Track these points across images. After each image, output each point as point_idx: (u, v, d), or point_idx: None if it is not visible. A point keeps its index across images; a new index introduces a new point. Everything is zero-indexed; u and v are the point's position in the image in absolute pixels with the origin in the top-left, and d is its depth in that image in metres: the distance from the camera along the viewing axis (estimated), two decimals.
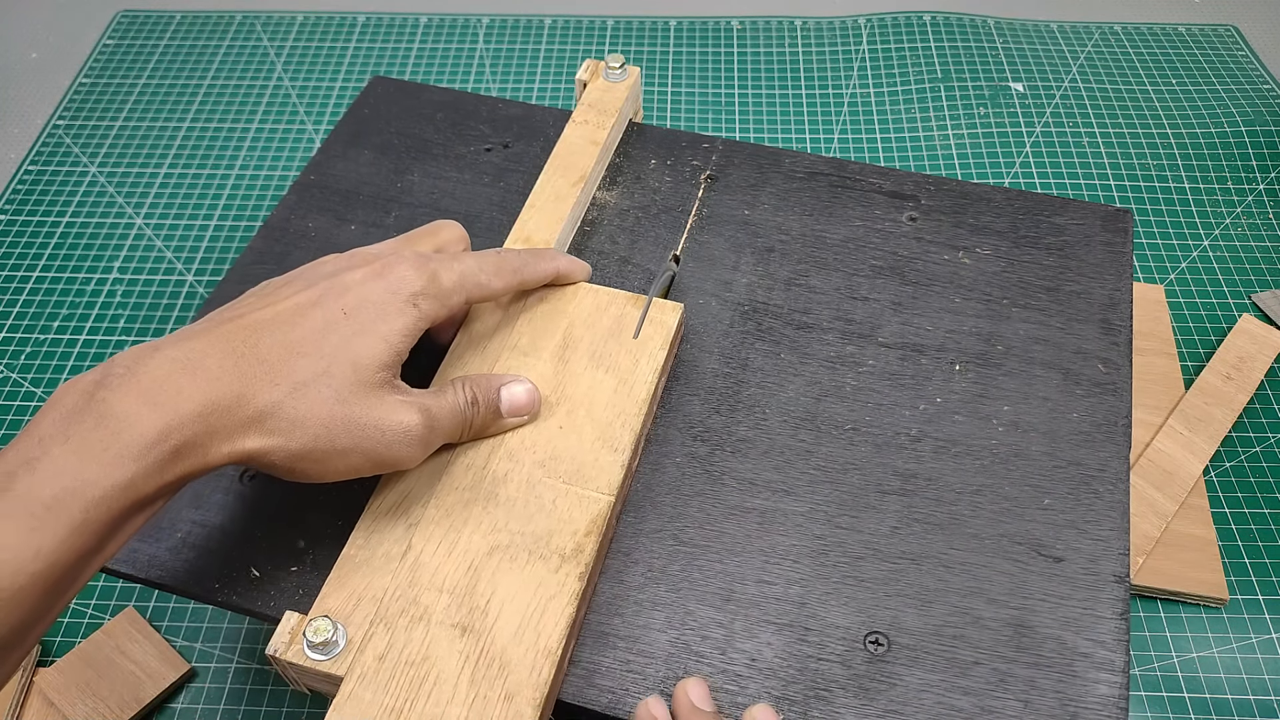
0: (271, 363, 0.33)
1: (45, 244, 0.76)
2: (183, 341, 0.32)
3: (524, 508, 0.37)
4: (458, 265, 0.38)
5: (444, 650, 0.34)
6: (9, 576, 0.27)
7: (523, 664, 0.33)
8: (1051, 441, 0.42)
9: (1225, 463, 0.63)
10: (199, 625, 0.56)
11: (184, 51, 0.93)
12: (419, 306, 0.36)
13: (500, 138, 0.55)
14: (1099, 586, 0.38)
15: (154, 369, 0.31)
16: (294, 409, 0.33)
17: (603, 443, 0.39)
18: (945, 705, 0.35)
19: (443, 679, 0.33)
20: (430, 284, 0.36)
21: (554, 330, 0.42)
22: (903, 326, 0.46)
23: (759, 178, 0.52)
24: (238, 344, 0.33)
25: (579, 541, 0.36)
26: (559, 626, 0.34)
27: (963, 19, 0.95)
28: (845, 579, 0.38)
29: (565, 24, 0.95)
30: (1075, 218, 0.50)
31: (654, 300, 0.43)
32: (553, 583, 0.35)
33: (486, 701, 0.33)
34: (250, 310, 0.34)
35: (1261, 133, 0.84)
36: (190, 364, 0.32)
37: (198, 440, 0.31)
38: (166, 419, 0.30)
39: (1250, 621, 0.56)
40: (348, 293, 0.35)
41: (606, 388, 0.40)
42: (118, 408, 0.30)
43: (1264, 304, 0.71)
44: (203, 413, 0.31)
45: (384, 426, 0.34)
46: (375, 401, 0.34)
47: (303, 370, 0.33)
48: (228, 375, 0.32)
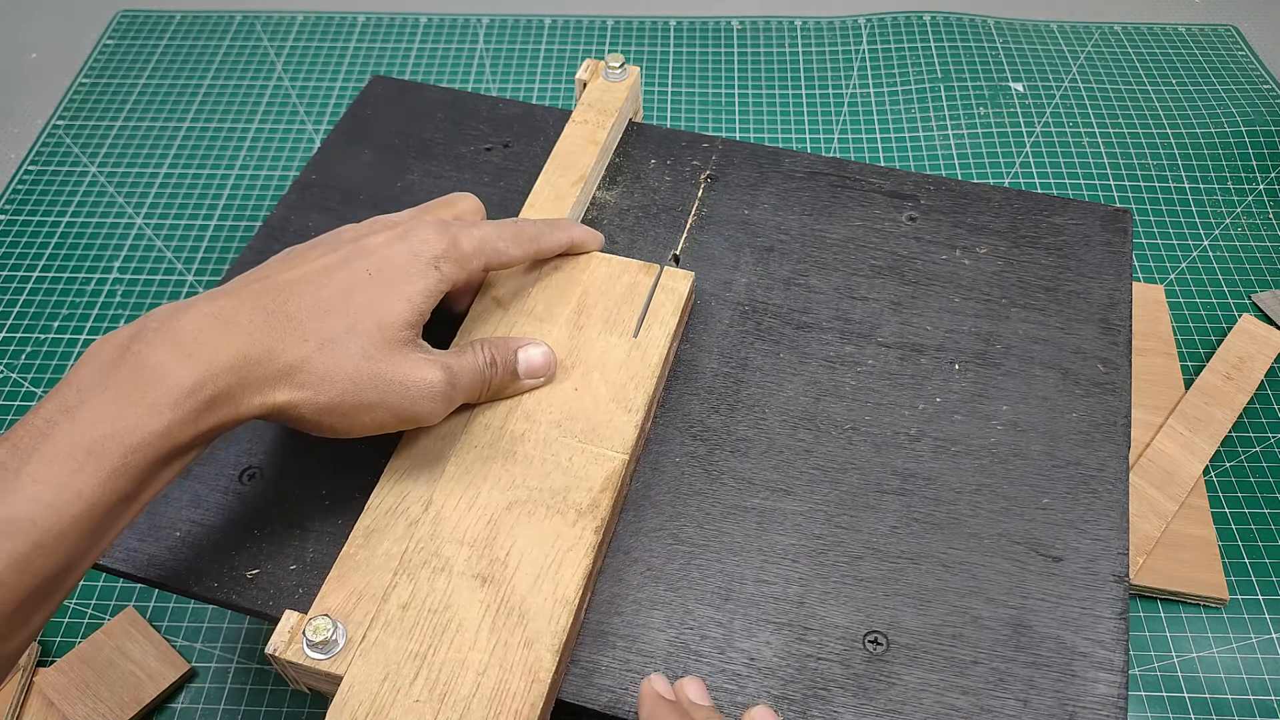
0: (300, 320, 0.34)
1: (45, 244, 0.76)
2: (214, 299, 0.34)
3: (541, 465, 0.38)
4: (477, 231, 0.39)
5: (465, 599, 0.35)
6: (52, 517, 0.28)
7: (541, 612, 0.34)
8: (1050, 441, 0.42)
9: (1225, 463, 0.63)
10: (199, 625, 0.56)
11: (184, 51, 0.93)
12: (440, 269, 0.37)
13: (500, 137, 0.55)
14: (1098, 586, 0.38)
15: (187, 324, 0.32)
16: (322, 364, 0.34)
17: (617, 404, 0.40)
18: (944, 705, 0.35)
19: (464, 626, 0.34)
20: (451, 248, 0.38)
21: (569, 297, 0.43)
22: (902, 326, 0.46)
23: (759, 177, 0.52)
24: (267, 302, 0.34)
25: (595, 497, 0.37)
26: (576, 577, 0.35)
27: (963, 19, 0.95)
28: (844, 578, 0.38)
29: (565, 24, 0.95)
30: (1075, 218, 0.50)
31: (665, 269, 0.44)
32: (570, 536, 0.36)
33: (507, 648, 0.34)
34: (277, 272, 0.36)
35: (1261, 133, 0.84)
36: (222, 319, 0.33)
37: (230, 392, 0.32)
38: (201, 370, 0.31)
39: (1250, 621, 0.56)
40: (371, 255, 0.36)
41: (620, 352, 0.42)
42: (154, 359, 0.31)
43: (1264, 304, 0.71)
44: (235, 365, 0.32)
45: (408, 382, 0.35)
46: (400, 358, 0.35)
47: (330, 327, 0.34)
48: (258, 331, 0.33)
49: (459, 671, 0.33)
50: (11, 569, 0.28)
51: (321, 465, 0.41)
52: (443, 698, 0.33)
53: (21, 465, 0.29)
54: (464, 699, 0.33)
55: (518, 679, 0.33)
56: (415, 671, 0.33)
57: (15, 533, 0.28)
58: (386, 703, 0.33)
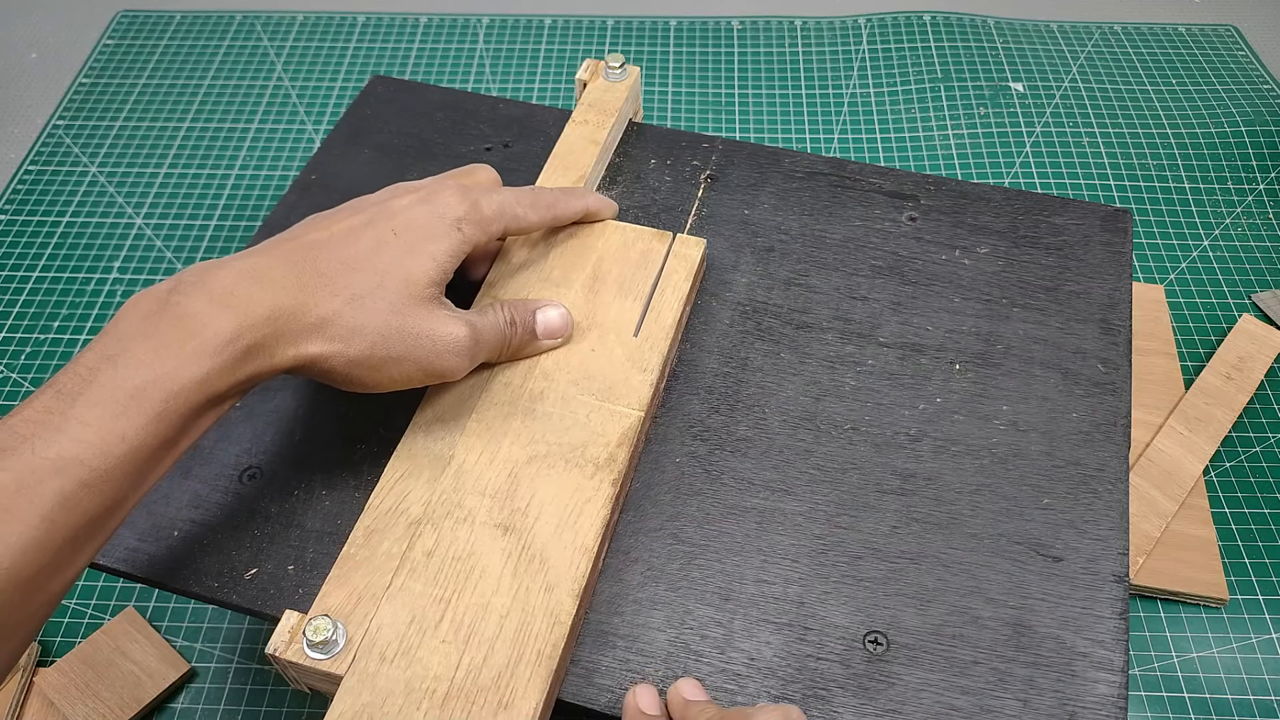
0: (330, 276, 0.35)
1: (45, 244, 0.76)
2: (247, 258, 0.35)
3: (560, 421, 0.40)
4: (497, 197, 0.41)
5: (488, 547, 0.36)
6: (99, 458, 0.30)
7: (562, 559, 0.36)
8: (1051, 441, 0.42)
9: (1225, 463, 0.63)
10: (199, 625, 0.56)
11: (184, 51, 0.93)
12: (462, 230, 0.38)
13: (500, 137, 0.55)
14: (1098, 586, 0.38)
15: (224, 277, 0.34)
16: (352, 318, 0.35)
17: (632, 364, 0.41)
18: (944, 704, 0.35)
19: (488, 572, 0.35)
20: (472, 210, 0.39)
21: (584, 264, 0.45)
22: (902, 326, 0.46)
23: (759, 177, 0.52)
24: (298, 260, 0.35)
25: (612, 452, 0.39)
26: (594, 526, 0.37)
27: (963, 19, 0.95)
28: (844, 578, 0.38)
29: (565, 24, 0.95)
30: (1075, 217, 0.50)
31: (678, 236, 0.46)
32: (588, 488, 0.38)
33: (529, 592, 0.35)
34: (306, 233, 0.37)
35: (1261, 133, 0.84)
36: (257, 274, 0.34)
37: (265, 342, 0.33)
38: (239, 321, 0.33)
39: (1250, 621, 0.56)
40: (396, 216, 0.38)
41: (634, 314, 0.43)
42: (193, 309, 0.32)
43: (1264, 304, 0.71)
44: (270, 317, 0.34)
45: (435, 336, 0.37)
46: (426, 314, 0.37)
47: (359, 284, 0.36)
48: (291, 285, 0.35)
49: (483, 614, 0.35)
50: (60, 506, 0.29)
51: (321, 465, 0.41)
52: (468, 639, 0.34)
53: (68, 409, 0.30)
54: (488, 639, 0.34)
55: (540, 621, 0.34)
56: (441, 614, 0.35)
57: (64, 470, 0.29)
58: (414, 643, 0.34)
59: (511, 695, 0.33)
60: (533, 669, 0.33)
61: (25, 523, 0.28)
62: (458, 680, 0.33)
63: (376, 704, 0.33)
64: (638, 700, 0.34)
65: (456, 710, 0.32)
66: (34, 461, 0.29)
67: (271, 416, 0.43)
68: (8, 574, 0.28)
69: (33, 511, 0.28)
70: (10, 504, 0.28)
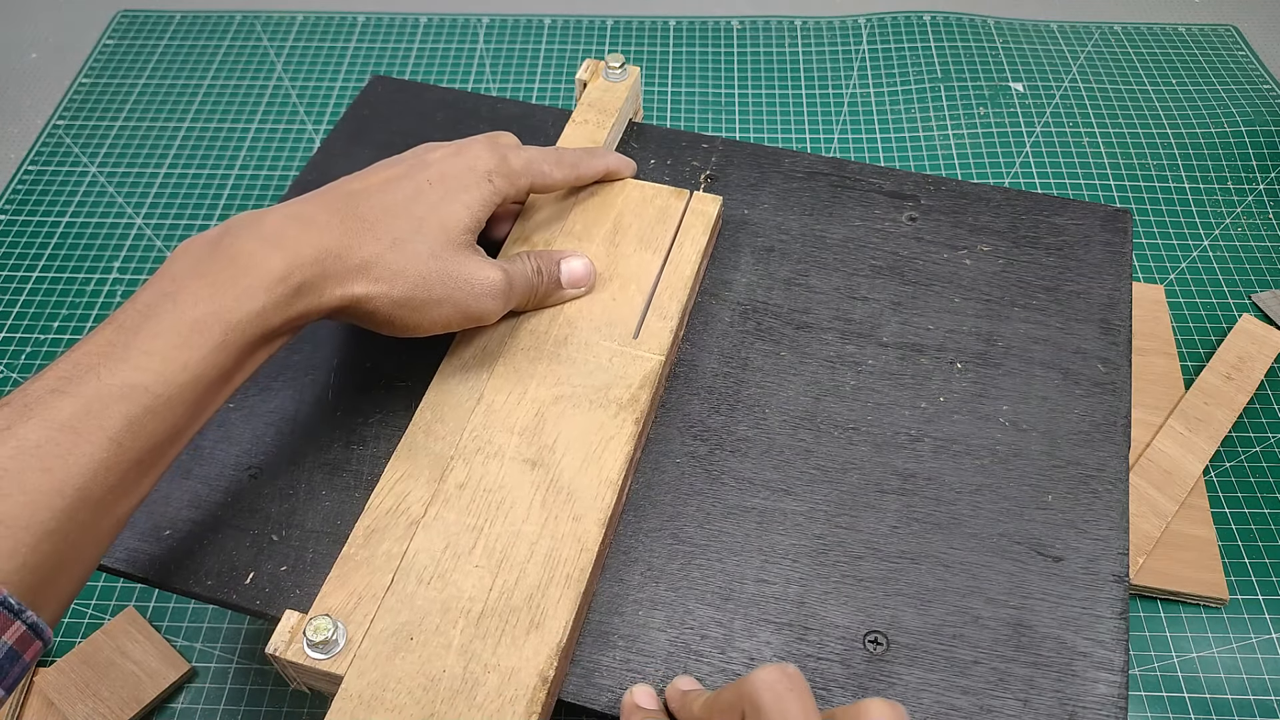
0: (371, 221, 0.37)
1: (45, 244, 0.76)
2: (291, 205, 0.37)
3: (584, 365, 0.41)
4: (524, 153, 0.43)
5: (517, 480, 0.38)
6: (162, 384, 0.31)
7: (588, 492, 0.38)
8: (1051, 441, 0.42)
9: (1225, 463, 0.63)
10: (199, 625, 0.56)
11: (184, 51, 0.93)
12: (493, 182, 0.40)
13: None
14: (1098, 586, 0.38)
15: (272, 222, 0.35)
16: (395, 260, 0.37)
17: (653, 312, 0.43)
18: (944, 704, 0.35)
19: (517, 503, 0.37)
20: (502, 164, 0.41)
21: (605, 219, 0.47)
22: (902, 326, 0.46)
23: (759, 177, 0.52)
24: (341, 206, 0.37)
25: (634, 393, 0.40)
26: (618, 461, 0.38)
27: (963, 19, 0.95)
28: (844, 578, 0.38)
29: (565, 24, 0.95)
30: (1075, 218, 0.50)
31: (695, 194, 0.48)
32: (612, 426, 0.39)
33: (557, 521, 0.37)
34: (346, 184, 0.39)
35: (1261, 133, 0.84)
36: (303, 219, 0.36)
37: (314, 281, 0.35)
38: (289, 260, 0.34)
39: (1250, 621, 0.56)
40: (431, 167, 0.40)
41: (654, 266, 0.45)
42: (246, 249, 0.34)
43: (1264, 304, 0.71)
44: (318, 258, 0.35)
45: (473, 280, 0.38)
46: (463, 259, 0.38)
47: (399, 229, 0.37)
48: (336, 229, 0.36)
49: (514, 541, 0.36)
50: (128, 430, 0.30)
51: (321, 465, 0.41)
52: (500, 563, 0.36)
53: (130, 340, 0.32)
54: (520, 563, 0.36)
55: (568, 547, 0.36)
56: (474, 541, 0.36)
57: (130, 396, 0.30)
58: (449, 567, 0.36)
59: (542, 615, 0.35)
60: (562, 590, 0.35)
61: (95, 444, 0.30)
62: (491, 601, 0.35)
63: (415, 622, 0.34)
64: (635, 698, 0.34)
65: (491, 628, 0.34)
66: (100, 388, 0.30)
67: (271, 416, 0.43)
68: (79, 493, 0.29)
69: (101, 434, 0.30)
70: (80, 426, 0.29)
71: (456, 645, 0.34)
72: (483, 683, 0.33)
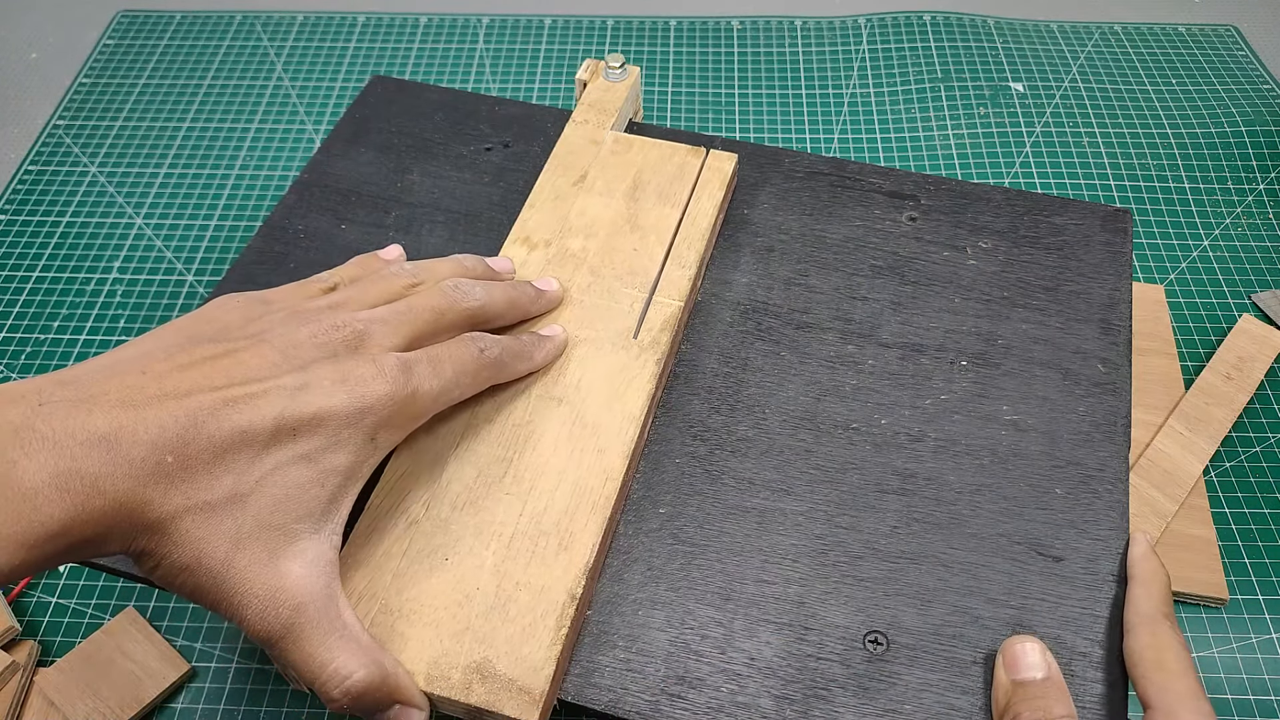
0: (195, 467, 0.29)
1: (45, 244, 0.76)
2: (118, 410, 0.28)
3: (606, 311, 0.43)
4: (448, 364, 0.36)
5: (544, 415, 0.40)
6: None
7: (612, 427, 0.40)
8: (1051, 441, 0.42)
9: (1225, 463, 0.63)
10: (199, 625, 0.56)
11: (184, 51, 0.93)
12: (376, 440, 0.33)
13: (500, 137, 0.55)
14: (1098, 586, 0.38)
15: (79, 434, 0.27)
16: (190, 530, 0.29)
17: (672, 261, 0.45)
18: (945, 704, 0.35)
19: (545, 437, 0.39)
20: (402, 408, 0.34)
21: (625, 176, 0.49)
22: (902, 326, 0.46)
23: (759, 177, 0.52)
24: (173, 436, 0.29)
25: (655, 335, 0.42)
26: (640, 398, 0.41)
27: (963, 19, 0.95)
28: (844, 578, 0.38)
29: (565, 24, 0.95)
30: (1075, 217, 0.50)
31: (711, 151, 0.50)
32: (634, 366, 0.42)
33: (583, 453, 0.39)
34: (201, 385, 0.30)
35: (1261, 133, 0.84)
36: (118, 445, 0.28)
37: (93, 539, 0.28)
38: (74, 512, 0.27)
39: (1250, 621, 0.56)
40: (310, 394, 0.31)
41: (673, 219, 0.47)
42: (30, 483, 0.26)
43: (1264, 304, 0.71)
44: (109, 512, 0.28)
45: (254, 597, 0.30)
46: (271, 564, 0.30)
47: (220, 487, 0.30)
48: (147, 471, 0.28)
49: (542, 472, 0.38)
50: None
51: None
52: (529, 491, 0.38)
53: None
54: (548, 491, 0.38)
55: (594, 478, 0.38)
56: (504, 471, 0.38)
57: None
58: (480, 494, 0.38)
59: (571, 538, 0.37)
60: (589, 516, 0.37)
61: None
62: (521, 525, 0.37)
63: (450, 544, 0.37)
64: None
65: (522, 549, 0.36)
66: None
67: None
68: None
69: None
70: None
71: (489, 565, 0.36)
72: (515, 599, 0.35)
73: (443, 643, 0.34)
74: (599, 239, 0.46)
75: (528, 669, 0.34)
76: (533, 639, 0.34)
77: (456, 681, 0.33)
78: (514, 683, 0.33)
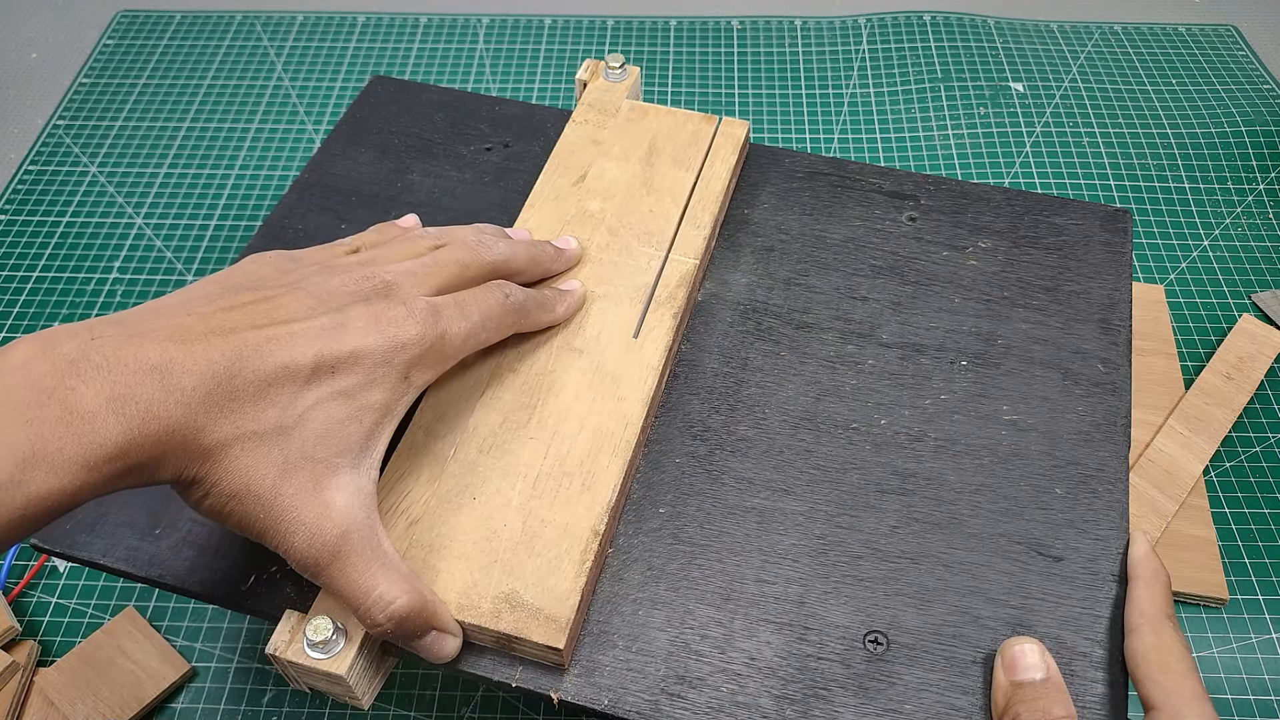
0: (243, 399, 0.30)
1: (45, 244, 0.76)
2: (168, 344, 0.30)
3: (624, 269, 0.45)
4: (475, 308, 0.37)
5: (565, 366, 0.41)
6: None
7: (631, 376, 0.41)
8: (1051, 441, 0.42)
9: (1225, 463, 0.63)
10: (199, 625, 0.56)
11: (184, 51, 0.93)
12: (409, 379, 0.34)
13: (500, 137, 0.55)
14: (1098, 586, 0.38)
15: (131, 363, 0.29)
16: (238, 459, 0.30)
17: (687, 221, 0.47)
18: (945, 704, 0.35)
19: (566, 386, 0.41)
20: (433, 348, 0.35)
21: (641, 142, 0.50)
22: (902, 326, 0.46)
23: (759, 177, 0.52)
24: (219, 369, 0.30)
25: (672, 291, 0.44)
26: (659, 348, 0.42)
27: (963, 19, 0.95)
28: (844, 578, 0.38)
29: (565, 24, 0.95)
30: (1075, 218, 0.50)
31: (724, 118, 0.51)
32: (652, 319, 0.43)
33: (604, 400, 0.40)
34: (247, 320, 0.32)
35: (1261, 133, 0.84)
36: (168, 375, 0.29)
37: (148, 464, 0.29)
38: (130, 435, 0.28)
39: (1250, 621, 0.56)
40: (347, 335, 0.33)
41: (687, 182, 0.48)
42: (87, 407, 0.27)
43: (1264, 304, 0.71)
44: (162, 438, 0.29)
45: (303, 525, 0.31)
46: (315, 492, 0.31)
47: (266, 419, 0.31)
48: (198, 400, 0.29)
49: (565, 418, 0.40)
50: None
51: None
52: (552, 435, 0.39)
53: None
54: (571, 436, 0.39)
55: (614, 423, 0.40)
56: (528, 417, 0.40)
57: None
58: (506, 439, 0.39)
59: (593, 479, 0.38)
60: (610, 458, 0.39)
61: None
62: (546, 466, 0.38)
63: (477, 484, 0.38)
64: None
65: (546, 489, 0.38)
66: None
67: None
68: None
69: None
70: None
71: (515, 504, 0.37)
72: (541, 535, 0.37)
73: (472, 575, 0.36)
74: (616, 201, 0.47)
75: (554, 599, 0.35)
76: (558, 571, 0.36)
77: (486, 610, 0.35)
78: (541, 611, 0.35)
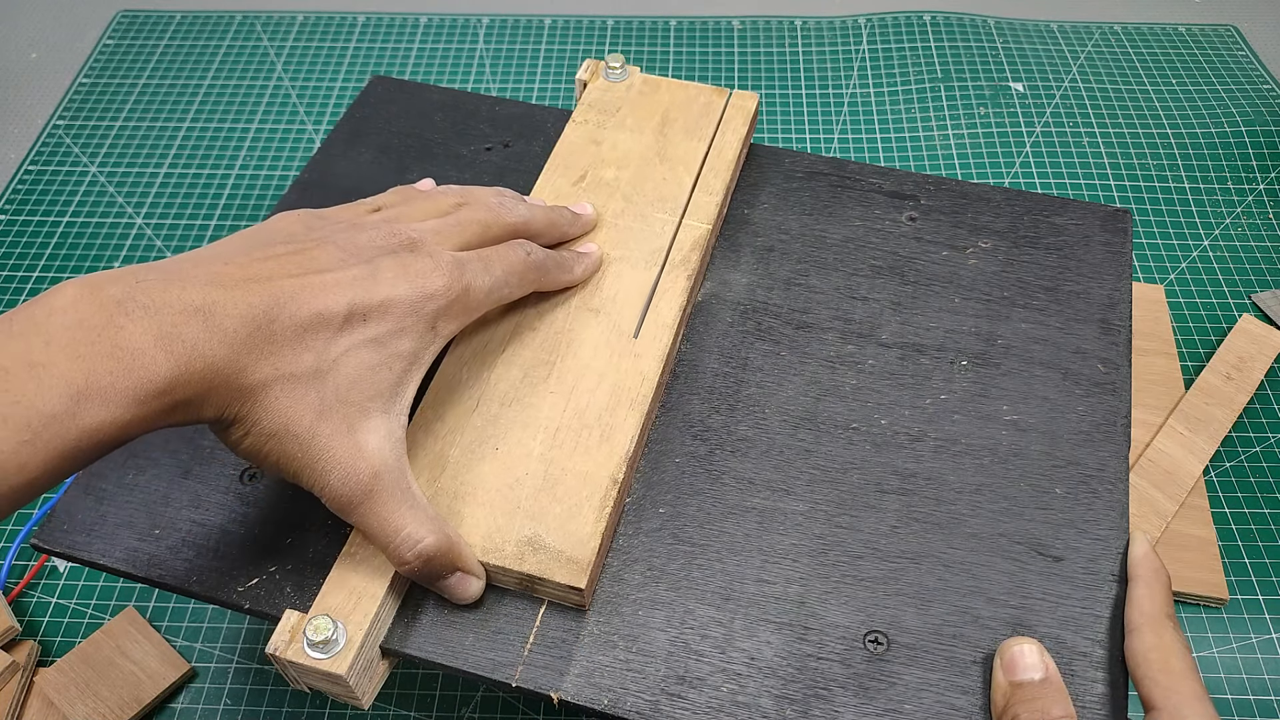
0: (280, 342, 0.32)
1: (45, 244, 0.76)
2: (209, 288, 0.31)
3: (639, 234, 0.46)
4: (498, 266, 0.39)
5: (583, 324, 0.43)
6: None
7: (646, 335, 0.42)
8: (1051, 441, 0.42)
9: (1225, 463, 0.63)
10: (199, 625, 0.56)
11: (184, 51, 0.93)
12: (436, 329, 0.36)
13: (500, 137, 0.55)
14: (1098, 586, 0.38)
15: (176, 304, 0.30)
16: (276, 400, 0.32)
17: (700, 189, 0.48)
18: (945, 704, 0.35)
19: (584, 344, 0.42)
20: (459, 299, 0.36)
21: (654, 114, 0.52)
22: (902, 326, 0.46)
23: (758, 177, 0.52)
24: (259, 312, 0.31)
25: (686, 254, 0.45)
26: (674, 308, 0.43)
27: (963, 19, 0.95)
28: (845, 578, 0.38)
29: (565, 24, 0.95)
30: (1075, 218, 0.50)
31: (734, 91, 0.53)
32: (666, 281, 0.44)
33: (620, 357, 0.41)
34: (281, 269, 0.33)
35: (1261, 133, 0.84)
36: (212, 315, 0.30)
37: (193, 400, 0.30)
38: (177, 371, 0.29)
39: (1250, 621, 0.56)
40: (378, 283, 0.34)
41: (700, 152, 0.49)
42: (135, 343, 0.29)
43: (1264, 304, 0.71)
44: (206, 375, 0.30)
45: (338, 464, 0.33)
46: (349, 434, 0.33)
47: (302, 362, 0.32)
48: (240, 341, 0.31)
49: (583, 374, 0.41)
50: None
51: None
52: (571, 389, 0.41)
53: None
54: (589, 390, 0.40)
55: (630, 379, 0.41)
56: (548, 373, 0.41)
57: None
58: (526, 392, 0.40)
59: (611, 430, 0.39)
60: (627, 411, 0.40)
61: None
62: (565, 419, 0.40)
63: (499, 436, 0.39)
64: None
65: (566, 440, 0.39)
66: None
67: None
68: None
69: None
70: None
71: (537, 454, 0.39)
72: (561, 482, 0.38)
73: (496, 519, 0.37)
74: (630, 169, 0.49)
75: (575, 542, 0.36)
76: (579, 516, 0.37)
77: (510, 553, 0.36)
78: (563, 553, 0.36)
